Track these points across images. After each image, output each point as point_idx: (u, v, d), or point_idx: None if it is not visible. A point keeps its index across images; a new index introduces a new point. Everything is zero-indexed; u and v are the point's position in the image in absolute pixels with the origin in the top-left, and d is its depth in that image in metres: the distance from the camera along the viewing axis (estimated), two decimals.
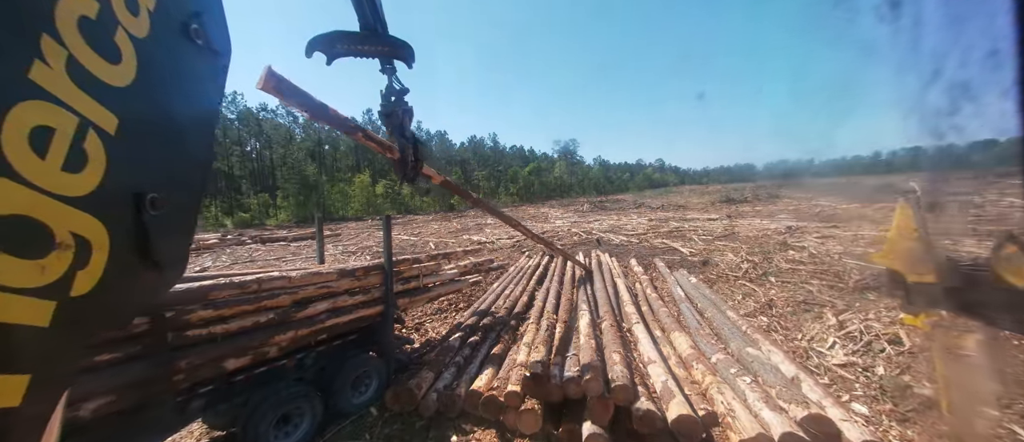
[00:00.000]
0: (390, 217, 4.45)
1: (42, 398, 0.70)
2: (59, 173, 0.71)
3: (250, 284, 3.15)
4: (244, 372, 3.11)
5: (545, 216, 32.52)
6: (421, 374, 3.83)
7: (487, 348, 4.77)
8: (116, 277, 0.81)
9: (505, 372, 3.82)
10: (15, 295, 0.66)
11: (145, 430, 2.52)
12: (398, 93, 3.03)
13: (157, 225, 0.88)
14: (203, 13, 1.05)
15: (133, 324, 2.42)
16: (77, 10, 0.74)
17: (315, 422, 3.34)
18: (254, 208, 45.99)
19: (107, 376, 2.32)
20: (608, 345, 4.20)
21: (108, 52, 0.80)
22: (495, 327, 5.49)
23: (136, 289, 0.89)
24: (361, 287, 4.07)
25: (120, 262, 0.81)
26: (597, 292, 6.84)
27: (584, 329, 4.55)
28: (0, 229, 0.65)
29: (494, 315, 6.01)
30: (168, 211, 0.92)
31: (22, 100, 0.67)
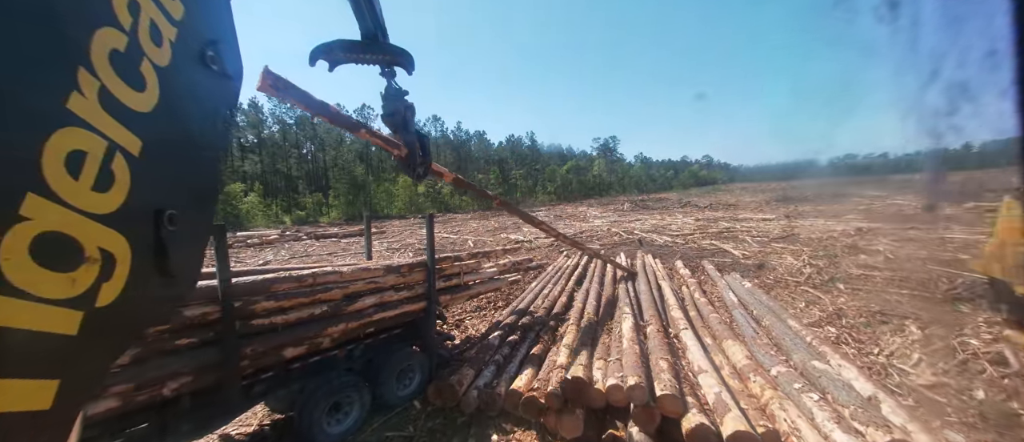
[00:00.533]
0: (433, 216, 4.55)
1: (70, 402, 0.75)
2: (89, 192, 0.76)
3: (306, 278, 3.36)
4: (300, 361, 3.32)
5: (583, 215, 31.91)
6: (462, 371, 3.88)
7: (526, 348, 4.74)
8: (136, 289, 0.85)
9: (545, 373, 3.76)
10: (48, 305, 0.71)
11: (216, 409, 2.76)
12: (399, 93, 3.07)
13: (173, 239, 0.93)
14: (219, 41, 1.11)
15: (207, 312, 2.66)
16: (109, 44, 0.81)
17: (363, 412, 3.49)
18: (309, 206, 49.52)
19: (186, 358, 2.56)
20: (653, 351, 4.01)
21: (134, 81, 0.86)
22: (534, 327, 5.44)
23: (153, 300, 0.94)
24: (405, 283, 4.20)
25: (139, 274, 0.86)
26: (640, 295, 6.57)
27: (627, 333, 4.38)
28: (38, 245, 0.70)
29: (533, 315, 5.97)
30: (183, 225, 0.96)
31: (60, 127, 0.73)
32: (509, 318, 5.83)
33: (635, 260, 10.26)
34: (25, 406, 0.70)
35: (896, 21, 1.47)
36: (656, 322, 5.08)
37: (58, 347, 0.73)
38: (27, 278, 0.68)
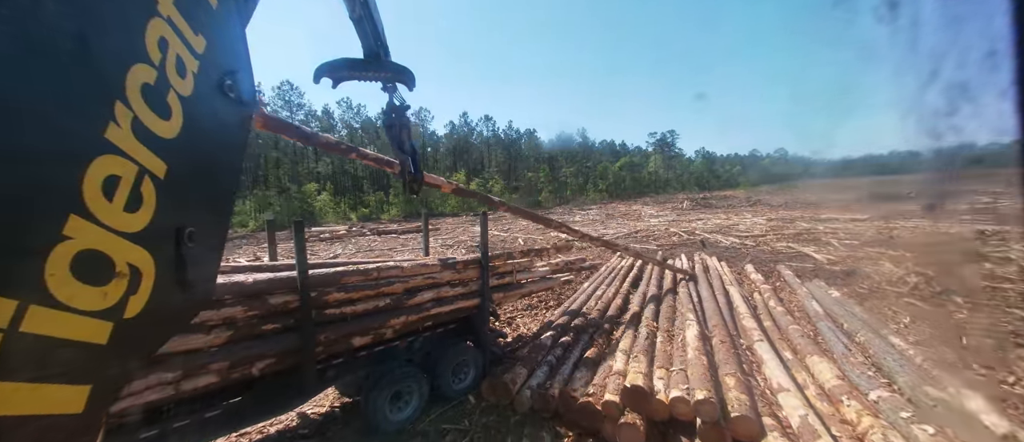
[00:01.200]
0: (487, 214, 4.59)
1: (99, 406, 0.81)
2: (121, 213, 0.82)
3: (372, 271, 3.56)
4: (366, 349, 3.54)
5: (638, 213, 30.53)
6: (515, 369, 3.87)
7: (580, 350, 4.61)
8: (158, 301, 0.91)
9: (601, 378, 3.62)
10: (84, 317, 0.77)
11: (295, 389, 3.03)
12: (398, 109, 3.10)
13: (192, 254, 1.00)
14: (236, 71, 1.18)
15: (288, 302, 2.92)
16: (142, 79, 0.88)
17: (422, 402, 3.63)
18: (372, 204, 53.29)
19: (271, 342, 2.84)
20: (722, 363, 3.68)
21: (162, 110, 0.92)
22: (587, 329, 5.29)
23: (174, 310, 1.01)
24: (460, 279, 4.29)
25: (162, 288, 0.92)
26: (704, 300, 6.09)
27: (692, 342, 4.07)
28: (78, 262, 0.76)
29: (586, 316, 5.80)
30: (202, 242, 1.03)
31: (99, 155, 0.79)
32: (561, 318, 5.72)
33: (694, 262, 9.55)
34: (61, 409, 0.76)
35: (895, 21, 1.36)
36: (723, 331, 4.67)
37: (90, 355, 0.78)
38: (68, 292, 0.74)
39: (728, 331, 4.69)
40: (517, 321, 6.34)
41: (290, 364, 2.96)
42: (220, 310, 2.60)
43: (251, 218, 42.82)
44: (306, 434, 3.42)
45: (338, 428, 3.47)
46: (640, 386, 3.14)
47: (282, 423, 3.56)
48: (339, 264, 3.98)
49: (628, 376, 3.38)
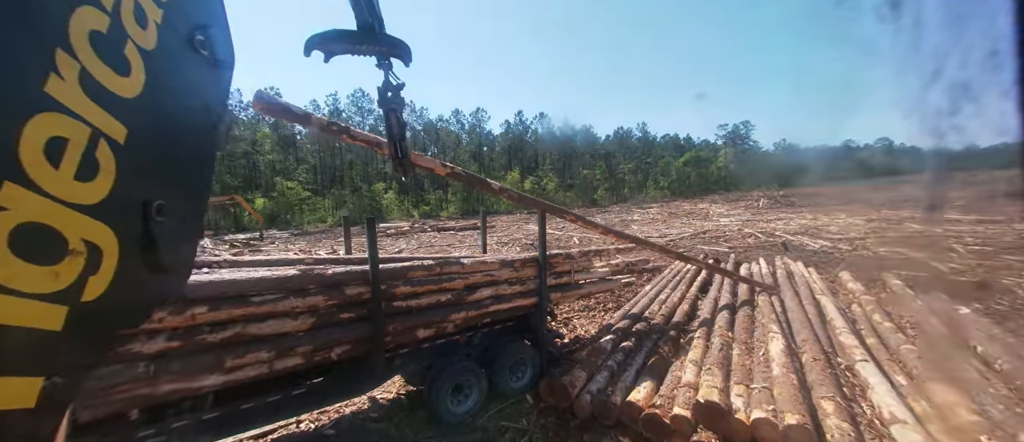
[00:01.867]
0: (545, 212, 4.52)
1: (56, 401, 0.72)
2: (72, 182, 0.71)
3: (434, 267, 3.69)
4: (429, 342, 3.68)
5: (705, 212, 28.28)
6: (574, 372, 3.76)
7: (643, 357, 4.36)
8: (125, 282, 0.81)
9: (668, 390, 3.37)
10: (30, 300, 0.67)
11: (367, 375, 3.25)
12: (394, 88, 2.93)
13: (163, 231, 0.88)
14: (208, 25, 1.05)
15: (362, 293, 3.13)
16: (89, 24, 0.75)
17: (481, 397, 3.69)
18: (432, 202, 56.12)
19: (347, 330, 3.07)
20: (816, 384, 3.23)
21: (118, 64, 0.80)
22: (650, 335, 4.98)
23: (144, 293, 0.91)
24: (518, 277, 4.28)
25: (129, 268, 0.81)
26: (789, 310, 5.41)
27: (777, 357, 3.63)
28: (17, 236, 0.65)
29: (648, 321, 5.47)
30: (174, 217, 0.91)
31: (38, 112, 0.68)
32: (621, 322, 5.47)
33: (775, 267, 8.55)
34: (7, 404, 0.67)
35: (898, 21, 1.33)
36: (815, 347, 4.10)
37: (42, 343, 0.69)
38: (7, 272, 0.64)
39: (822, 347, 4.11)
40: (574, 322, 6.19)
41: (363, 351, 3.18)
42: (305, 298, 2.87)
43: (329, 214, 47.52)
44: (376, 418, 3.66)
45: (404, 415, 3.66)
46: (716, 402, 2.86)
47: (355, 405, 3.84)
48: (404, 259, 4.19)
49: (701, 390, 3.10)
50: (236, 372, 2.56)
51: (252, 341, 2.62)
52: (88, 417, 2.13)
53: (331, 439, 3.37)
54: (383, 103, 2.93)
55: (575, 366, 3.92)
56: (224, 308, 2.51)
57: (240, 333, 2.57)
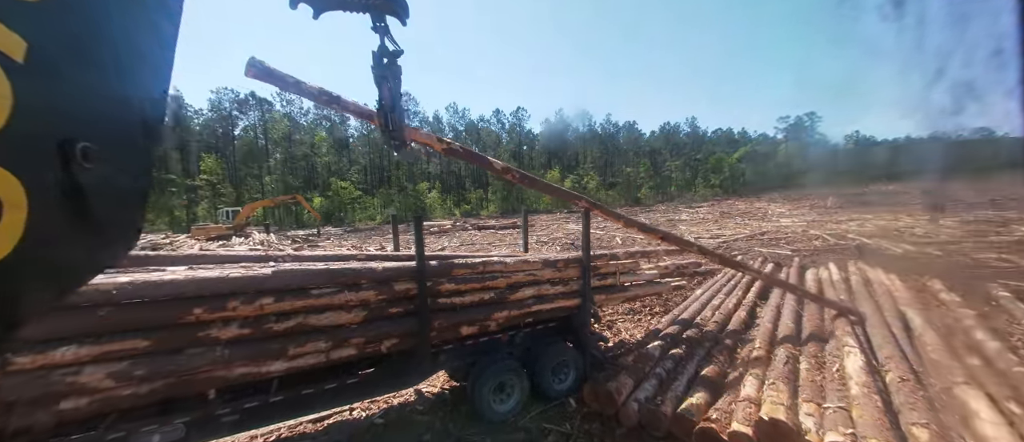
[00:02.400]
0: (589, 211, 4.39)
1: None
2: None
3: (478, 265, 3.72)
4: (472, 339, 3.72)
5: (763, 212, 26.15)
6: (619, 378, 3.62)
7: (695, 366, 4.09)
8: (44, 242, 0.65)
9: (726, 403, 3.13)
10: None
11: (413, 369, 3.35)
12: (391, 54, 2.68)
13: (95, 182, 0.70)
14: None
15: (409, 289, 3.23)
16: None
17: (523, 396, 3.67)
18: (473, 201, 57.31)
19: (396, 324, 3.18)
20: (905, 408, 2.84)
21: None
22: (703, 343, 4.67)
23: (75, 256, 0.74)
24: (561, 278, 4.19)
25: (47, 224, 0.65)
26: (868, 323, 4.82)
27: (855, 375, 3.24)
28: None
29: (700, 328, 5.14)
30: (108, 166, 0.73)
31: None
32: (670, 327, 5.18)
33: (847, 274, 7.67)
34: None
35: (901, 19, 1.36)
36: (903, 365, 3.61)
37: None
38: None
39: (910, 366, 3.61)
40: (618, 325, 5.98)
41: (410, 345, 3.28)
42: (358, 293, 3.01)
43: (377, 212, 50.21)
44: (422, 411, 3.77)
45: (447, 410, 3.74)
46: (782, 421, 2.60)
47: (403, 398, 3.99)
48: (448, 256, 4.27)
49: (764, 406, 2.84)
50: (298, 360, 2.74)
51: (312, 331, 2.80)
52: (175, 394, 2.39)
53: (380, 428, 3.52)
54: (377, 70, 2.68)
55: (621, 372, 3.77)
56: (287, 299, 2.70)
57: (301, 323, 2.75)
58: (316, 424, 3.55)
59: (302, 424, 3.52)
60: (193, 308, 2.39)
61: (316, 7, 2.37)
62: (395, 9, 2.54)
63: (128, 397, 2.23)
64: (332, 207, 48.09)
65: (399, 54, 2.68)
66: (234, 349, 2.50)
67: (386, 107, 2.82)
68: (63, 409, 2.07)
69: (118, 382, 2.18)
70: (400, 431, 3.47)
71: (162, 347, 2.31)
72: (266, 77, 2.99)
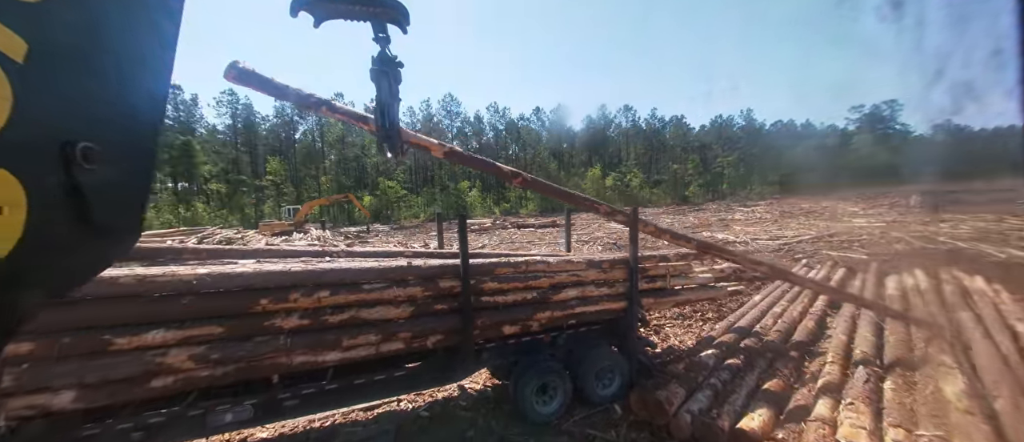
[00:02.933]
0: (637, 209, 4.19)
1: None
2: None
3: (521, 264, 3.69)
4: (514, 338, 3.69)
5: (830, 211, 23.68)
6: (670, 387, 3.41)
7: (755, 378, 3.77)
8: (43, 243, 0.65)
9: (796, 423, 2.84)
10: None
11: (457, 366, 3.38)
12: (391, 62, 2.62)
13: (96, 182, 0.70)
14: None
15: (454, 287, 3.26)
16: None
17: (566, 399, 3.59)
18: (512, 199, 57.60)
19: (441, 320, 3.24)
20: None
21: None
22: (763, 353, 4.29)
23: (75, 257, 0.74)
24: (606, 279, 4.05)
25: (46, 225, 0.65)
26: (972, 342, 4.16)
27: (955, 399, 2.80)
28: None
29: (759, 337, 4.73)
30: (109, 167, 0.72)
31: None
32: (725, 335, 4.83)
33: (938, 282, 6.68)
34: None
35: (900, 20, 1.29)
36: (1015, 391, 3.05)
37: None
38: None
39: None
40: (666, 330, 5.67)
41: (454, 342, 3.32)
42: (405, 288, 3.09)
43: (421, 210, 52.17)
44: (465, 406, 3.81)
45: (490, 407, 3.75)
46: None
47: (447, 392, 4.07)
48: (490, 255, 4.28)
49: (841, 428, 2.54)
50: (351, 351, 2.88)
51: (363, 324, 2.92)
52: (244, 377, 2.60)
53: (426, 420, 3.61)
54: (375, 75, 2.64)
55: (672, 380, 3.56)
56: (342, 293, 2.84)
57: (354, 316, 2.88)
58: (367, 412, 3.72)
59: (354, 412, 3.70)
60: (260, 299, 2.58)
61: (317, 15, 2.36)
62: (396, 17, 2.51)
63: (205, 378, 2.46)
64: (380, 205, 50.71)
65: (400, 65, 2.68)
66: (295, 338, 2.67)
67: (383, 107, 2.77)
68: (153, 386, 2.33)
69: (197, 364, 2.41)
70: (444, 425, 3.53)
71: (234, 334, 2.52)
72: (246, 81, 2.91)
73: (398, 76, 2.71)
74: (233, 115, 57.98)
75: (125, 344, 2.25)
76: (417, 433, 3.44)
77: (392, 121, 2.80)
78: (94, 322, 2.22)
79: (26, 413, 2.08)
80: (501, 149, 72.49)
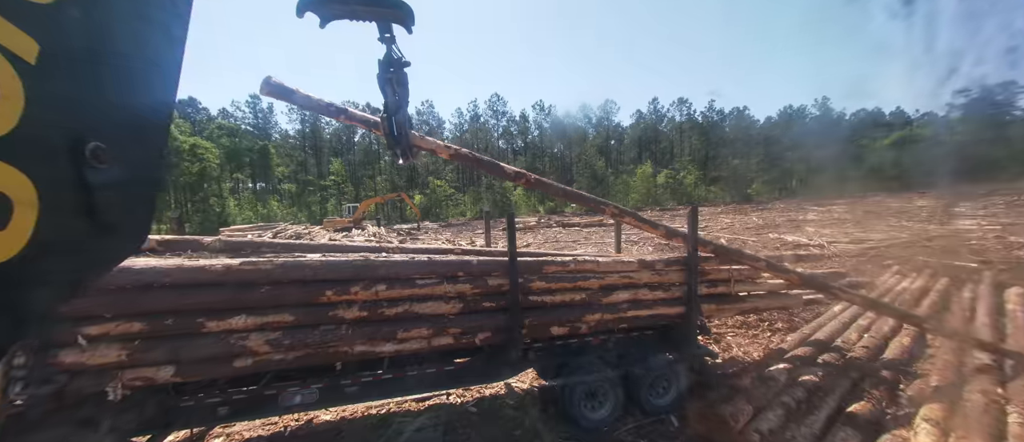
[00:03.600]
0: (697, 208, 3.91)
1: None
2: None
3: (569, 263, 3.60)
4: (561, 340, 3.61)
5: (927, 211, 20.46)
6: (736, 403, 3.13)
7: (837, 399, 3.35)
8: (53, 242, 0.65)
9: None
10: None
11: (504, 364, 3.38)
12: (397, 63, 2.61)
13: (104, 182, 0.70)
14: None
15: (502, 285, 3.26)
16: None
17: (616, 406, 3.44)
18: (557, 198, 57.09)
19: (489, 318, 3.25)
20: None
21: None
22: (847, 372, 3.80)
23: (85, 256, 0.74)
24: (661, 282, 3.82)
25: (57, 224, 0.66)
26: None
27: None
28: None
29: (842, 353, 4.20)
30: (118, 166, 0.73)
31: None
32: (800, 349, 4.34)
33: None
34: None
35: (911, 17, 1.42)
36: None
37: None
38: None
39: None
40: (727, 339, 5.24)
41: (501, 340, 3.32)
42: (455, 285, 3.15)
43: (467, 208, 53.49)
44: (512, 405, 3.81)
45: (538, 409, 3.70)
46: None
47: (494, 390, 4.09)
48: (537, 254, 4.23)
49: None
50: (404, 343, 2.99)
51: (416, 318, 3.02)
52: (311, 363, 2.80)
53: (474, 416, 3.66)
54: (383, 78, 2.67)
55: (737, 394, 3.27)
56: (397, 287, 2.95)
57: (408, 310, 2.98)
58: (418, 403, 3.85)
59: (407, 402, 3.85)
60: (325, 290, 2.76)
61: (323, 16, 2.40)
62: (401, 18, 2.53)
63: (277, 361, 2.69)
64: (429, 203, 52.79)
65: (406, 65, 2.70)
66: (355, 329, 2.83)
67: (391, 115, 2.81)
68: (236, 366, 2.59)
69: (272, 348, 2.64)
70: (492, 423, 3.55)
71: (303, 322, 2.73)
72: (279, 94, 3.18)
73: (404, 79, 2.74)
74: (302, 121, 63.70)
75: (214, 327, 2.53)
76: (465, 428, 3.49)
77: (401, 126, 2.85)
78: (190, 307, 2.51)
79: (136, 384, 2.41)
80: (546, 148, 72.01)
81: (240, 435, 3.44)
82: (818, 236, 14.30)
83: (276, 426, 3.55)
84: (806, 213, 24.85)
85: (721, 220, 24.23)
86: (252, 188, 57.02)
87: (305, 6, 2.34)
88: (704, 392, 3.54)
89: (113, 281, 2.39)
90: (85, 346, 2.29)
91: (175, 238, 3.29)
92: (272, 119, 63.77)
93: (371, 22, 2.58)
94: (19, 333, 0.68)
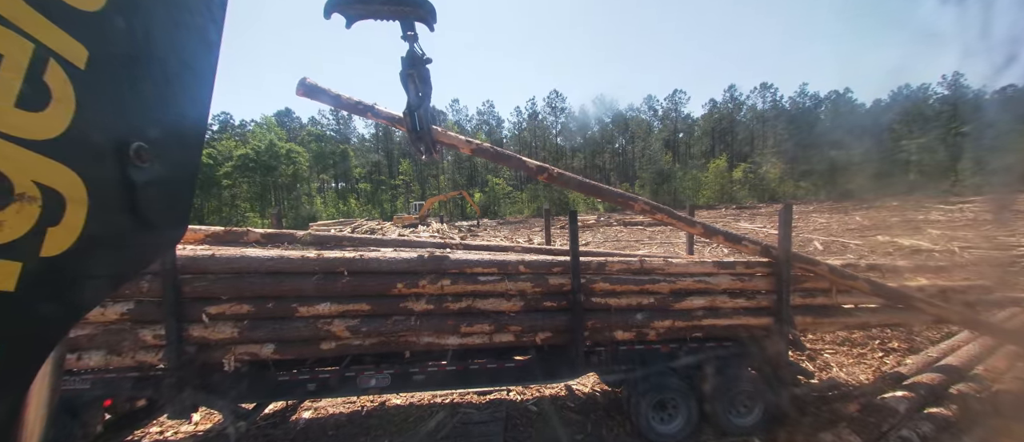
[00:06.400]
0: (790, 205, 3.44)
1: (14, 376, 0.62)
2: (13, 110, 0.58)
3: (635, 264, 3.39)
4: (627, 345, 3.42)
5: None
6: (839, 432, 2.69)
7: (977, 439, 2.71)
8: (100, 237, 0.69)
9: None
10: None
11: (565, 365, 3.29)
12: (418, 60, 2.66)
13: (146, 180, 0.74)
14: None
15: (563, 284, 3.18)
16: None
17: (689, 421, 3.17)
18: None
19: (550, 318, 3.19)
20: None
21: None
22: (989, 406, 3.05)
23: (128, 251, 0.78)
24: (743, 288, 3.43)
25: (104, 220, 0.69)
26: None
27: None
28: None
29: (984, 383, 3.40)
30: (159, 165, 0.77)
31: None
32: (924, 375, 3.61)
33: None
34: None
35: (963, 2, 1.35)
36: None
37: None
38: None
39: None
40: (824, 357, 4.56)
41: (562, 341, 3.24)
42: (516, 282, 3.14)
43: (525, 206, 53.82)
44: (573, 408, 3.72)
45: (600, 415, 3.57)
46: None
47: (555, 391, 4.03)
48: (598, 253, 4.06)
49: None
50: (467, 337, 3.06)
51: (478, 314, 3.07)
52: (384, 350, 3.00)
53: (534, 415, 3.63)
54: (405, 75, 2.78)
55: (840, 422, 2.81)
56: (461, 282, 3.03)
57: (471, 306, 3.05)
58: (480, 397, 3.94)
59: (469, 394, 3.96)
60: (397, 282, 2.93)
61: (349, 16, 2.51)
62: (424, 16, 2.59)
63: (357, 346, 2.91)
64: (488, 201, 54.15)
65: (428, 62, 2.76)
66: (423, 320, 2.96)
67: (413, 111, 2.89)
68: (322, 348, 2.86)
69: (352, 334, 2.87)
70: (552, 424, 3.50)
71: (378, 311, 2.93)
72: (313, 94, 3.30)
73: (426, 75, 2.80)
74: (376, 125, 69.34)
75: (305, 311, 2.82)
76: (525, 425, 3.48)
77: (423, 121, 2.93)
78: (287, 292, 2.83)
79: (245, 358, 2.79)
80: (606, 143, 69.51)
81: (325, 410, 3.82)
82: (945, 240, 11.84)
83: (355, 405, 3.88)
84: (929, 212, 20.75)
85: (814, 219, 21.29)
86: (335, 187, 63.54)
87: (332, 7, 2.48)
88: (798, 416, 3.10)
89: (230, 266, 2.80)
90: (207, 322, 2.70)
91: (275, 232, 3.75)
92: (351, 124, 70.34)
93: (395, 21, 2.68)
94: (69, 324, 0.73)
